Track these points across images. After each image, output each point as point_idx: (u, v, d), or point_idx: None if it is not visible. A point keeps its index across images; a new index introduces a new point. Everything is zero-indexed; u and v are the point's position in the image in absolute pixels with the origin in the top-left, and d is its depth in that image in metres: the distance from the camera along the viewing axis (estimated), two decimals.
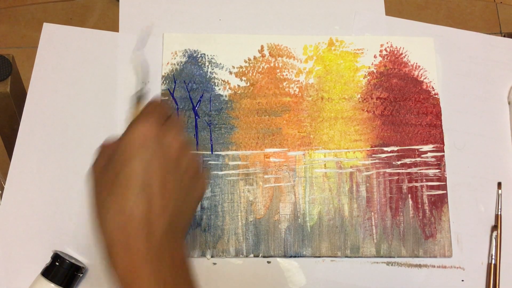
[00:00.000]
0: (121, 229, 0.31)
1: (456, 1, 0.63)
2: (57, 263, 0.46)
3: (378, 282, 0.50)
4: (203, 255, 0.50)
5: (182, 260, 0.33)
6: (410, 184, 0.53)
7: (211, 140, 0.53)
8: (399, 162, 0.53)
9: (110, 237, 0.30)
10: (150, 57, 0.56)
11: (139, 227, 0.31)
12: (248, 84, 0.55)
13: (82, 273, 0.48)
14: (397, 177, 0.53)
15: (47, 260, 0.47)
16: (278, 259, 0.50)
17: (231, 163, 0.52)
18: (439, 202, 0.52)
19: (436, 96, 0.56)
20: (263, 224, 0.51)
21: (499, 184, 0.53)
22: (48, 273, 0.46)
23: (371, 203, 0.52)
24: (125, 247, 0.30)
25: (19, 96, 0.55)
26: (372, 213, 0.52)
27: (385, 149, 0.54)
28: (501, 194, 0.53)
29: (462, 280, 0.51)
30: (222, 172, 0.52)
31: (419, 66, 0.56)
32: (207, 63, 0.55)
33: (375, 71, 0.56)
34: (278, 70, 0.55)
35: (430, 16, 0.61)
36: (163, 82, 0.54)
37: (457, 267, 0.51)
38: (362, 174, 0.53)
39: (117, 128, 0.53)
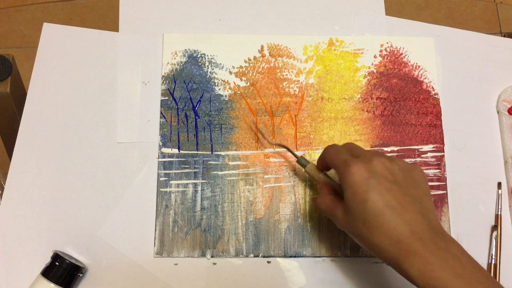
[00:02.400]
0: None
1: (456, 1, 0.63)
2: (57, 263, 0.46)
3: (378, 282, 0.50)
4: (203, 255, 0.50)
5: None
6: None
7: (211, 140, 0.53)
8: None
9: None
10: (150, 57, 0.56)
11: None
12: (248, 84, 0.55)
13: (82, 273, 0.48)
14: None
15: (47, 260, 0.47)
16: (278, 259, 0.50)
17: (231, 163, 0.52)
18: (439, 202, 0.52)
19: (436, 96, 0.56)
20: (263, 224, 0.51)
21: (499, 184, 0.53)
22: (48, 273, 0.46)
23: None
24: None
25: (19, 96, 0.55)
26: None
27: (385, 149, 0.54)
28: (501, 194, 0.53)
29: None
30: (222, 172, 0.52)
31: (419, 66, 0.56)
32: (207, 63, 0.55)
33: (375, 71, 0.56)
34: (278, 70, 0.55)
35: (430, 16, 0.61)
36: (163, 82, 0.54)
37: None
38: None
39: (117, 128, 0.53)
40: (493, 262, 0.51)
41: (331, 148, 0.44)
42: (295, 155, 0.49)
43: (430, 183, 0.53)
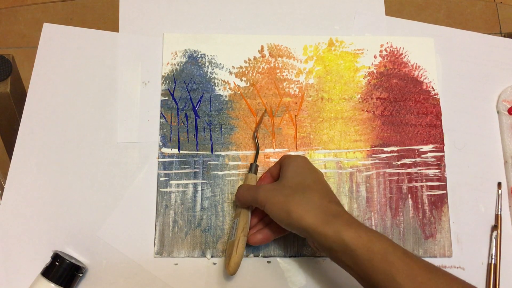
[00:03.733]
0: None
1: (456, 1, 0.63)
2: (57, 263, 0.46)
3: None
4: (203, 255, 0.50)
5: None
6: (410, 184, 0.53)
7: (211, 140, 0.53)
8: (399, 162, 0.53)
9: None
10: (150, 57, 0.56)
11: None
12: (248, 84, 0.55)
13: (82, 273, 0.48)
14: (397, 177, 0.53)
15: (47, 260, 0.47)
16: (278, 259, 0.50)
17: (231, 163, 0.52)
18: (439, 202, 0.52)
19: (436, 96, 0.56)
20: None
21: (499, 184, 0.53)
22: (48, 273, 0.46)
23: (371, 203, 0.52)
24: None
25: (19, 96, 0.55)
26: (372, 213, 0.52)
27: (385, 149, 0.54)
28: (501, 194, 0.53)
29: None
30: (222, 172, 0.52)
31: (419, 66, 0.56)
32: (207, 63, 0.55)
33: (375, 71, 0.56)
34: (278, 71, 0.55)
35: (430, 16, 0.61)
36: (163, 82, 0.54)
37: (457, 267, 0.51)
38: (362, 174, 0.53)
39: (117, 128, 0.53)
40: (493, 262, 0.51)
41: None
42: (255, 160, 0.52)
43: (430, 183, 0.53)
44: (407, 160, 0.53)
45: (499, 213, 0.52)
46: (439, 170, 0.53)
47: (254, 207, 0.48)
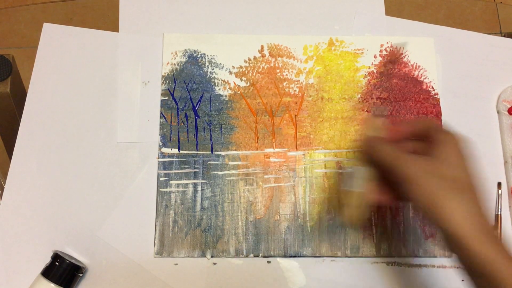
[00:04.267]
0: None
1: (456, 1, 0.63)
2: (57, 263, 0.46)
3: (378, 282, 0.50)
4: (203, 255, 0.50)
5: None
6: None
7: (211, 140, 0.53)
8: None
9: None
10: (150, 57, 0.56)
11: None
12: (248, 84, 0.55)
13: (82, 273, 0.48)
14: None
15: (47, 260, 0.47)
16: (278, 259, 0.50)
17: (231, 163, 0.52)
18: None
19: (436, 96, 0.56)
20: (263, 224, 0.51)
21: (499, 184, 0.53)
22: (48, 273, 0.46)
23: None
24: None
25: (19, 96, 0.55)
26: (372, 213, 0.52)
27: None
28: (501, 194, 0.53)
29: (462, 280, 0.50)
30: (222, 172, 0.52)
31: (419, 66, 0.56)
32: (207, 63, 0.55)
33: (375, 71, 0.56)
34: (278, 70, 0.55)
35: (430, 16, 0.61)
36: (163, 82, 0.54)
37: (458, 267, 0.51)
38: None
39: (117, 128, 0.53)
40: None
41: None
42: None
43: None
44: None
45: (499, 213, 0.52)
46: None
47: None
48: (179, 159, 0.52)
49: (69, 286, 0.46)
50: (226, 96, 0.54)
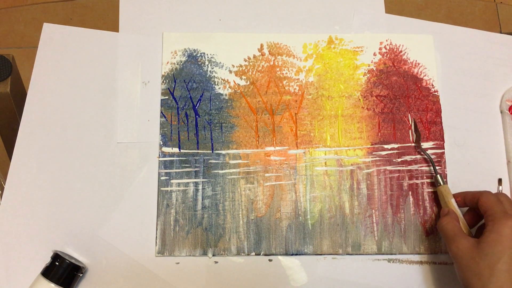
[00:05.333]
0: None
1: (456, 1, 0.63)
2: (57, 263, 0.46)
3: (380, 279, 0.50)
4: (205, 253, 0.50)
5: None
6: (411, 181, 0.53)
7: (211, 139, 0.53)
8: (399, 160, 0.53)
9: None
10: (150, 57, 0.56)
11: None
12: (248, 82, 0.55)
13: (82, 273, 0.48)
14: (398, 174, 0.53)
15: (47, 260, 0.47)
16: (279, 257, 0.50)
17: (231, 161, 0.52)
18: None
19: (436, 93, 0.56)
20: (264, 222, 0.51)
21: (500, 181, 0.53)
22: (48, 273, 0.45)
23: (372, 200, 0.52)
24: None
25: (19, 96, 0.55)
26: (373, 210, 0.52)
27: (386, 146, 0.54)
28: (501, 191, 0.53)
29: None
30: (223, 171, 0.52)
31: (418, 64, 0.57)
32: (207, 62, 0.55)
33: (374, 68, 0.56)
34: (278, 69, 0.56)
35: (430, 16, 0.62)
36: (163, 82, 0.54)
37: None
38: (363, 172, 0.53)
39: (117, 128, 0.53)
40: None
41: (491, 194, 0.46)
42: (435, 171, 0.51)
43: (430, 180, 0.53)
44: (408, 157, 0.53)
45: None
46: (439, 167, 0.53)
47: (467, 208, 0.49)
48: (180, 158, 0.52)
49: (69, 286, 0.46)
50: (226, 95, 0.54)
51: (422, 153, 0.53)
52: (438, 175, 0.50)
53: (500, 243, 0.41)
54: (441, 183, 0.50)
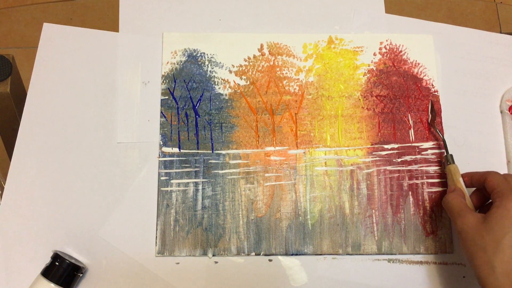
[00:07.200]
0: None
1: (456, 1, 0.63)
2: (57, 263, 0.46)
3: (380, 279, 0.50)
4: (205, 253, 0.50)
5: None
6: (411, 181, 0.53)
7: (211, 139, 0.53)
8: (399, 160, 0.53)
9: None
10: (150, 57, 0.56)
11: None
12: (248, 82, 0.55)
13: (82, 273, 0.48)
14: (398, 174, 0.53)
15: (47, 260, 0.47)
16: (279, 257, 0.50)
17: (231, 161, 0.52)
18: (440, 199, 0.52)
19: (436, 93, 0.56)
20: (264, 222, 0.51)
21: None
22: (48, 273, 0.45)
23: (372, 200, 0.52)
24: None
25: (19, 96, 0.55)
26: (373, 211, 0.52)
27: (386, 146, 0.54)
28: None
29: (464, 277, 0.51)
30: (223, 171, 0.52)
31: (418, 64, 0.57)
32: (207, 62, 0.55)
33: (374, 68, 0.56)
34: (278, 69, 0.56)
35: (430, 16, 0.62)
36: (163, 82, 0.54)
37: (458, 264, 0.51)
38: (363, 172, 0.53)
39: (117, 128, 0.53)
40: None
41: (498, 173, 0.47)
42: (447, 150, 0.51)
43: (430, 180, 0.53)
44: (408, 157, 0.53)
45: None
46: (439, 167, 0.53)
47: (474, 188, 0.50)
48: (180, 158, 0.52)
49: (69, 286, 0.46)
50: (226, 95, 0.54)
51: (435, 131, 0.53)
52: (448, 155, 0.50)
53: (507, 218, 0.42)
54: (451, 162, 0.50)
